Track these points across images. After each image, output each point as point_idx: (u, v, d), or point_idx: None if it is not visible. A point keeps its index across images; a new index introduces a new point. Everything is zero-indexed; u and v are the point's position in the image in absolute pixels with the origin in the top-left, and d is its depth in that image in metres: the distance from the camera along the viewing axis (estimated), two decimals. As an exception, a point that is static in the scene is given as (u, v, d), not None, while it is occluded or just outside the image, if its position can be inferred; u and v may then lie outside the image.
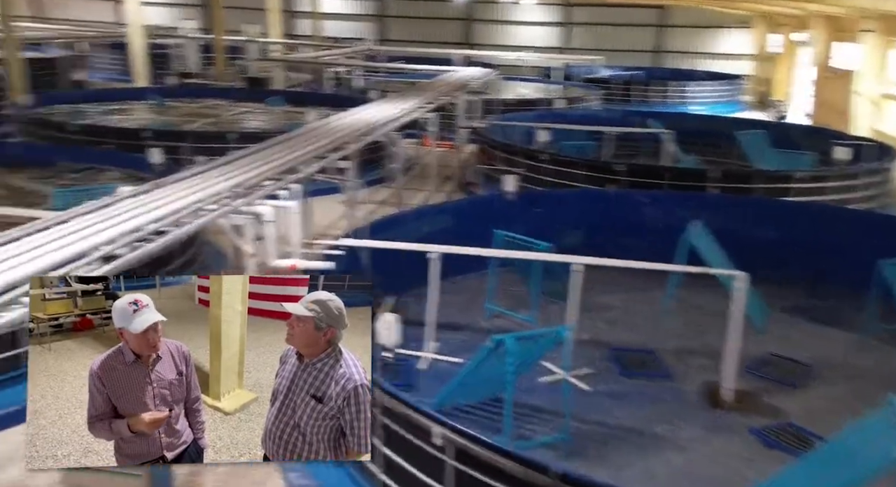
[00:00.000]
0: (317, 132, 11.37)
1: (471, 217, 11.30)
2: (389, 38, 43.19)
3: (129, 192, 7.47)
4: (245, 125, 19.50)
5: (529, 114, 22.02)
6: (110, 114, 19.58)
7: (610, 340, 9.57)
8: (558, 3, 41.48)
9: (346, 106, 21.94)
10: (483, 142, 17.74)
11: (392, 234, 10.07)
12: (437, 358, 8.66)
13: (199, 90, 25.02)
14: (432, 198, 15.95)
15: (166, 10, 44.84)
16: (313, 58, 27.06)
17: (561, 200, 12.31)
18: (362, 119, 12.88)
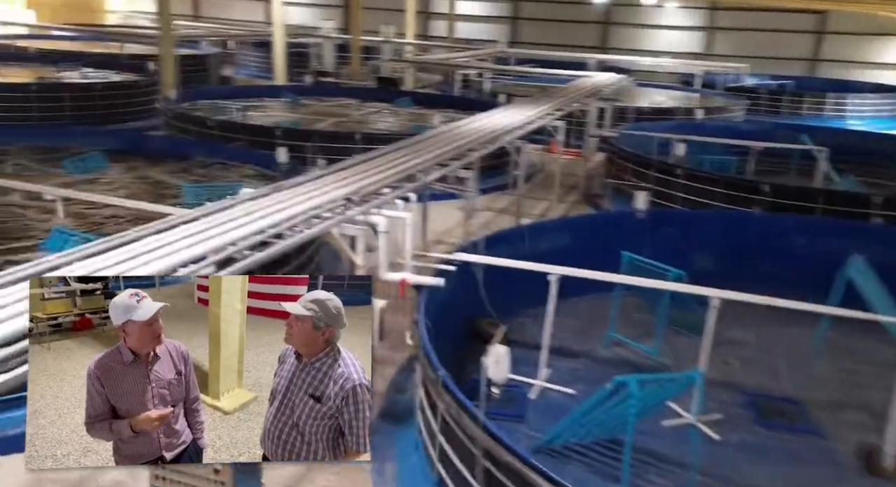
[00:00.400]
0: (440, 138, 11.05)
1: (596, 234, 10.60)
2: (522, 40, 42.62)
3: (249, 195, 7.43)
4: (371, 126, 19.62)
5: (665, 124, 20.76)
6: (247, 110, 20.28)
7: (744, 382, 8.60)
8: (702, 6, 39.28)
9: (473, 109, 21.70)
10: (613, 152, 16.85)
11: (509, 249, 9.58)
12: (549, 388, 8.07)
13: (333, 89, 25.56)
14: (554, 209, 15.29)
15: (310, 10, 46.56)
16: (443, 59, 26.99)
17: (696, 221, 11.31)
18: (488, 125, 12.46)
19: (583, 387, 8.19)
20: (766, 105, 29.59)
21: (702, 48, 39.87)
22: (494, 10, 43.63)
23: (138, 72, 24.58)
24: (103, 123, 20.39)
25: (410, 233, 7.48)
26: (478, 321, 9.18)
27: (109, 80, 23.16)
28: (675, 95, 30.32)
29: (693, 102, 28.31)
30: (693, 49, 39.78)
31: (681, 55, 36.89)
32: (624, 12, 40.91)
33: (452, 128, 12.06)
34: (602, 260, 9.87)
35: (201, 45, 31.61)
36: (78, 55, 27.36)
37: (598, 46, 41.11)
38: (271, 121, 18.76)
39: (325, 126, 18.95)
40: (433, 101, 23.49)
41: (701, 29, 39.87)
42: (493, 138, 11.50)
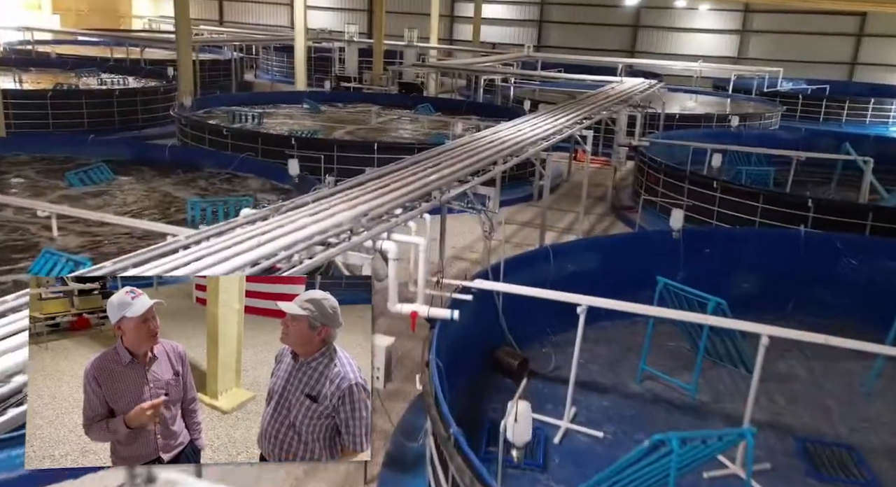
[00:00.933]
0: (460, 150, 10.34)
1: (627, 256, 9.81)
2: (549, 44, 41.79)
3: (248, 217, 6.78)
4: (390, 134, 18.97)
5: (698, 131, 19.87)
6: (264, 117, 19.78)
7: (793, 425, 7.76)
8: (736, 9, 38.14)
9: (497, 116, 21.01)
10: (643, 161, 16.01)
11: (532, 273, 8.86)
12: (575, 430, 7.31)
13: (353, 95, 25.02)
14: (581, 221, 14.51)
15: (334, 14, 46.19)
16: (467, 64, 26.28)
17: (737, 240, 10.46)
18: (512, 135, 11.72)
19: (612, 429, 7.44)
20: (805, 111, 28.44)
21: (735, 52, 38.71)
22: (521, 13, 42.83)
23: (158, 77, 24.30)
24: (121, 130, 20.11)
25: (424, 260, 6.78)
26: (497, 350, 8.47)
27: (127, 85, 22.85)
28: (707, 101, 29.31)
29: (727, 108, 27.32)
30: (726, 53, 38.64)
31: (713, 59, 35.80)
32: (654, 15, 39.88)
33: (474, 139, 11.34)
34: (634, 283, 9.19)
35: (223, 50, 31.28)
36: (98, 60, 27.19)
37: (626, 50, 40.15)
38: (287, 128, 18.20)
39: (343, 134, 18.37)
40: (455, 108, 22.82)
41: (734, 32, 38.69)
42: (518, 150, 10.77)
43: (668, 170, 14.86)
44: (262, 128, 18.48)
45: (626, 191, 17.83)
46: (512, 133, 12.01)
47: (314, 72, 36.55)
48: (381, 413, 6.89)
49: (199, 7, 50.78)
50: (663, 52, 39.18)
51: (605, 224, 15.87)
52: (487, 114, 21.84)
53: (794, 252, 10.27)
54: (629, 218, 15.58)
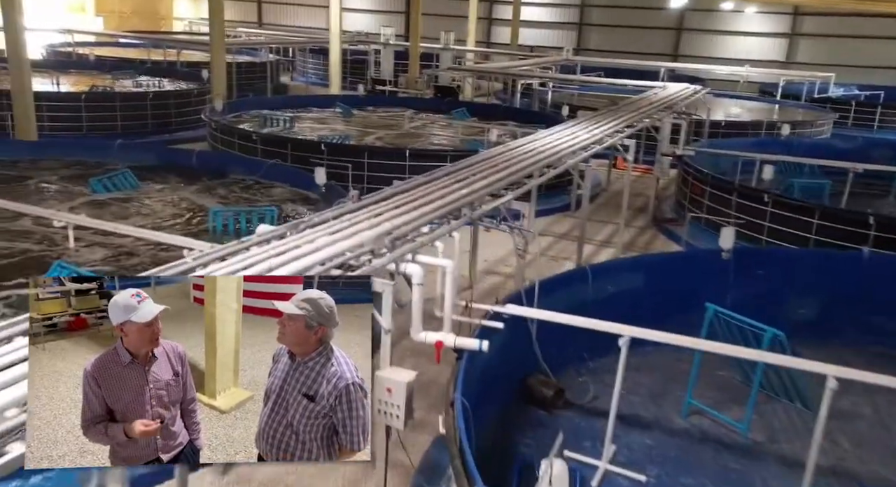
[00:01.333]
0: (494, 160, 9.76)
1: (673, 276, 9.12)
2: (588, 47, 40.94)
3: (263, 236, 6.31)
4: (423, 140, 18.46)
5: (746, 140, 18.94)
6: (296, 121, 19.46)
7: (859, 471, 7.00)
8: (785, 12, 36.83)
9: (533, 122, 20.38)
10: (688, 171, 15.22)
11: (569, 296, 8.24)
12: (615, 472, 6.67)
13: (386, 99, 24.60)
14: (621, 234, 13.79)
15: (371, 16, 45.99)
16: (504, 68, 25.66)
17: (793, 261, 9.68)
18: (549, 145, 11.10)
19: (655, 471, 6.79)
20: (860, 118, 27.17)
21: (783, 56, 37.40)
22: (560, 16, 42.04)
23: (194, 79, 24.20)
24: (155, 133, 19.98)
25: (452, 284, 6.21)
26: (530, 378, 7.86)
27: (161, 88, 22.77)
28: (754, 107, 28.22)
29: (775, 115, 26.24)
30: (773, 57, 37.36)
31: (760, 63, 34.57)
32: (698, 18, 38.76)
33: (508, 149, 10.75)
34: (680, 306, 8.53)
35: (260, 53, 31.17)
36: (136, 63, 27.27)
37: (669, 54, 39.09)
38: (319, 134, 17.82)
39: (374, 140, 17.91)
40: (491, 113, 22.24)
41: (782, 35, 37.39)
42: (555, 161, 10.14)
43: (714, 181, 14.06)
44: (292, 132, 18.15)
45: (669, 202, 17.05)
46: (549, 142, 11.38)
47: (350, 75, 36.37)
48: (401, 448, 6.32)
49: (237, 9, 51.11)
50: (708, 56, 38.04)
51: (646, 237, 15.12)
52: (524, 120, 21.21)
53: (857, 274, 9.46)
54: (672, 231, 14.81)
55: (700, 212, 14.44)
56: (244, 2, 50.70)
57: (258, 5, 50.40)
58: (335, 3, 25.03)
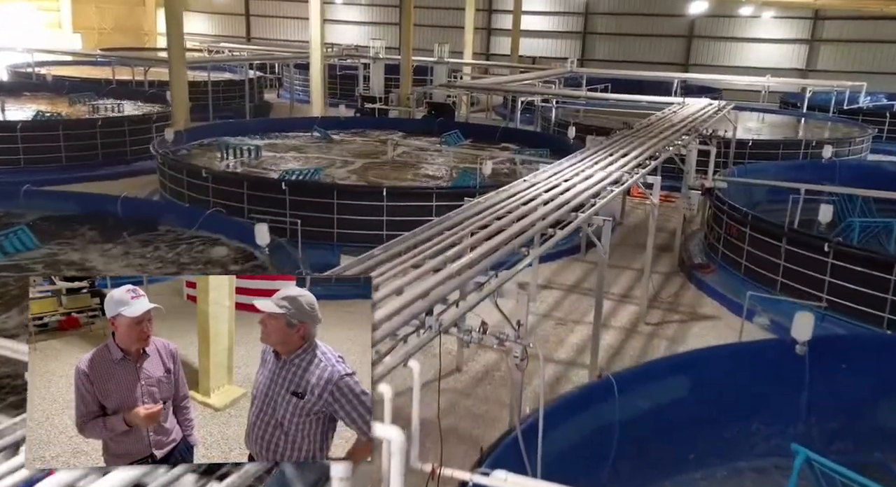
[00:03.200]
0: (482, 218, 7.29)
1: (726, 382, 6.64)
2: (594, 57, 38.56)
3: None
4: (407, 172, 15.94)
5: (780, 164, 16.48)
6: (265, 149, 17.06)
7: None
8: (804, 16, 34.39)
9: (536, 145, 17.94)
10: (721, 207, 12.74)
11: (588, 421, 5.80)
12: None
13: (371, 120, 22.22)
14: (645, 285, 11.30)
15: (364, 28, 43.75)
16: (501, 83, 23.22)
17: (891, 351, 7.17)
18: (553, 188, 8.63)
19: None
20: (890, 131, 24.58)
21: (802, 63, 34.93)
22: (563, 24, 39.63)
23: (161, 101, 21.88)
24: (106, 165, 17.63)
25: (399, 462, 3.76)
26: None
27: (119, 113, 20.43)
28: (779, 121, 25.71)
29: (799, 130, 23.77)
30: (792, 64, 34.90)
31: (778, 72, 32.06)
32: (710, 24, 36.36)
33: (500, 195, 8.28)
34: (739, 422, 6.16)
35: (240, 69, 28.85)
36: (100, 82, 24.99)
37: (680, 63, 36.70)
38: (287, 167, 15.34)
39: (349, 173, 15.41)
40: (488, 135, 19.78)
41: (802, 41, 34.91)
42: (563, 215, 7.67)
43: (756, 223, 11.56)
44: (255, 165, 15.72)
45: (696, 239, 14.54)
46: (553, 183, 8.93)
47: (339, 91, 34.08)
48: None
49: (225, 23, 49.06)
50: (721, 65, 35.61)
51: (672, 286, 12.61)
52: (526, 142, 18.79)
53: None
54: (704, 280, 12.32)
55: (739, 257, 11.97)
56: (232, 16, 48.63)
57: (246, 19, 48.29)
58: (315, 12, 22.71)
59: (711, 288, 11.93)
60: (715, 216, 13.03)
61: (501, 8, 40.40)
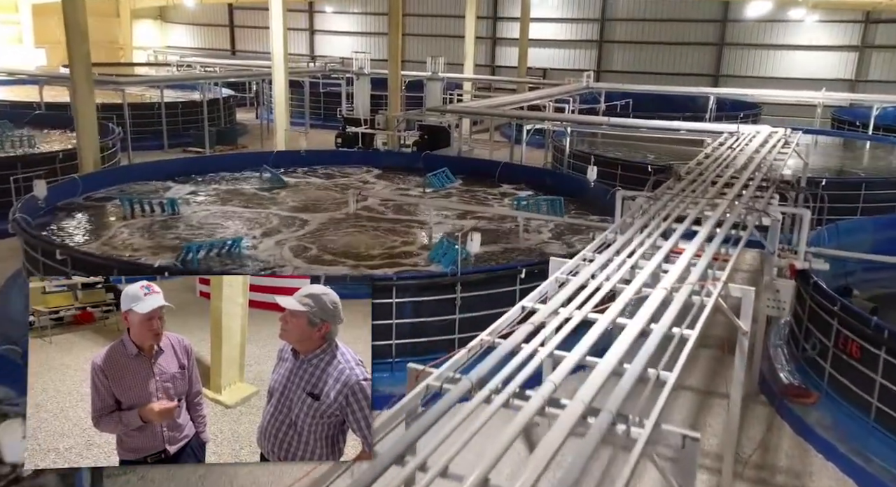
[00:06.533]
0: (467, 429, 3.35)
1: None
2: (611, 68, 34.38)
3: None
4: (367, 237, 11.73)
5: (879, 219, 12.25)
6: (193, 199, 13.01)
7: None
8: (852, 19, 30.10)
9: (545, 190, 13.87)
10: (821, 303, 8.52)
11: None
12: None
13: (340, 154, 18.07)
14: (724, 442, 7.12)
15: (356, 38, 39.81)
16: (499, 106, 18.94)
17: None
18: (579, 292, 4.52)
19: None
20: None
21: (850, 73, 30.56)
22: (577, 32, 35.43)
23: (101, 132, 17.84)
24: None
25: None
26: None
27: (14, 151, 16.41)
28: (830, 145, 21.43)
29: (864, 157, 19.53)
30: (838, 74, 30.56)
31: (822, 83, 27.73)
32: (743, 30, 32.10)
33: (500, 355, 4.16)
34: None
35: (203, 87, 24.85)
36: (30, 106, 21.10)
37: (709, 73, 32.47)
38: (194, 239, 11.08)
39: (275, 245, 11.04)
40: (486, 172, 15.64)
41: (850, 48, 30.54)
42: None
43: (887, 338, 7.34)
44: (169, 224, 11.64)
45: (773, 332, 10.25)
46: (580, 284, 4.78)
47: (322, 111, 30.11)
48: None
49: (209, 35, 45.33)
50: (756, 76, 31.37)
51: (755, 424, 8.36)
52: (533, 184, 14.68)
53: None
54: (798, 413, 8.10)
55: (863, 389, 7.75)
56: (215, 27, 44.89)
57: (230, 31, 44.51)
58: (278, 18, 18.66)
59: (822, 439, 7.70)
60: (812, 314, 8.80)
61: (507, 15, 36.34)
